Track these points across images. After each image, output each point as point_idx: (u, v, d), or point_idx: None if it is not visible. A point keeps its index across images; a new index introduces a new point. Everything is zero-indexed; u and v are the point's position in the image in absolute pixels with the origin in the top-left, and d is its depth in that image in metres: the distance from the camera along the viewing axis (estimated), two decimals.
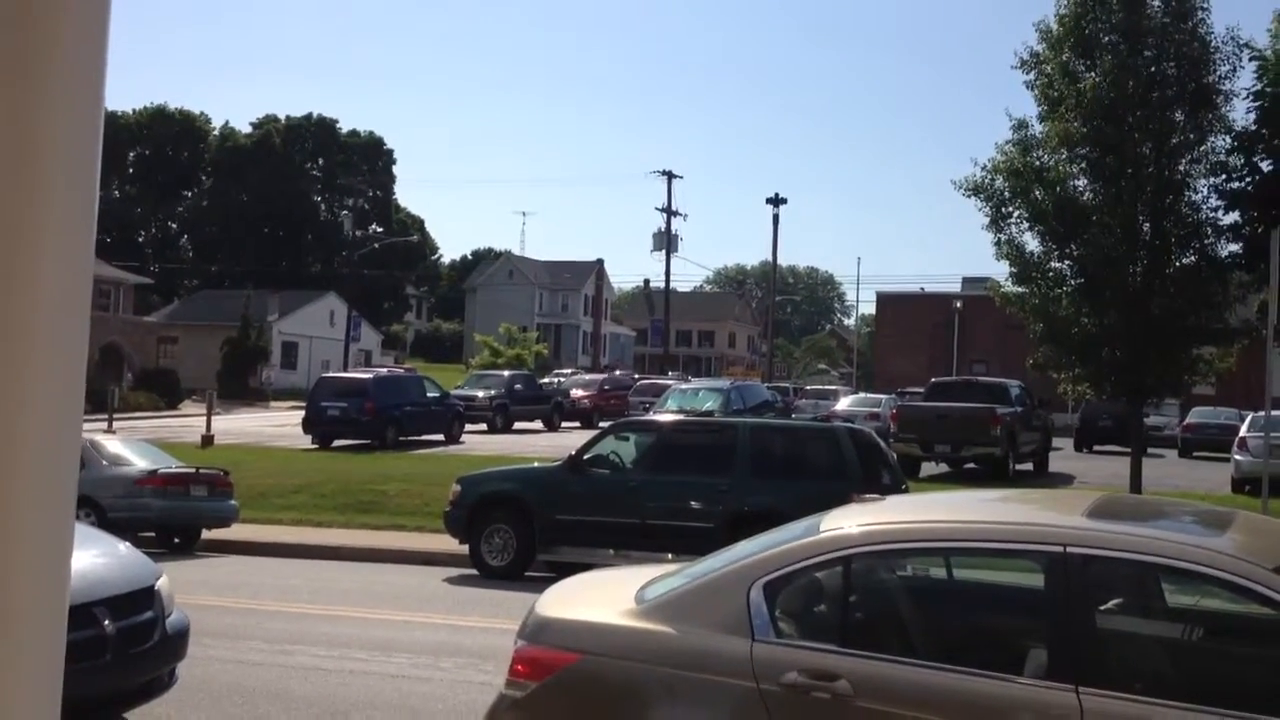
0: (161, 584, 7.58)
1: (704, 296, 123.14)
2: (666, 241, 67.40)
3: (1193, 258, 20.10)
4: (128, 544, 8.27)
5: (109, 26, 1.18)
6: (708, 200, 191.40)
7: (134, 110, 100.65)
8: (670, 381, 44.95)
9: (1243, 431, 25.20)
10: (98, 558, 7.51)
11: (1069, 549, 4.58)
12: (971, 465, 26.41)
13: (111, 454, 17.92)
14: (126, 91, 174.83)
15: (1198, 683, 4.65)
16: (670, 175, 67.62)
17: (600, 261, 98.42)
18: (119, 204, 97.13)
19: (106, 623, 6.89)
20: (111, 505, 16.68)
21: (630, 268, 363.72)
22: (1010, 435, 25.98)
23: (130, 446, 19.15)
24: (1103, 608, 4.79)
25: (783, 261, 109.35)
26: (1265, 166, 19.57)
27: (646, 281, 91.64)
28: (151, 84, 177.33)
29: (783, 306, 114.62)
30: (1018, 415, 26.90)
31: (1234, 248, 20.04)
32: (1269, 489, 17.56)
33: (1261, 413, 20.11)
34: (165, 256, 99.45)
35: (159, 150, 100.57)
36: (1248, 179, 19.59)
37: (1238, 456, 24.37)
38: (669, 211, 67.28)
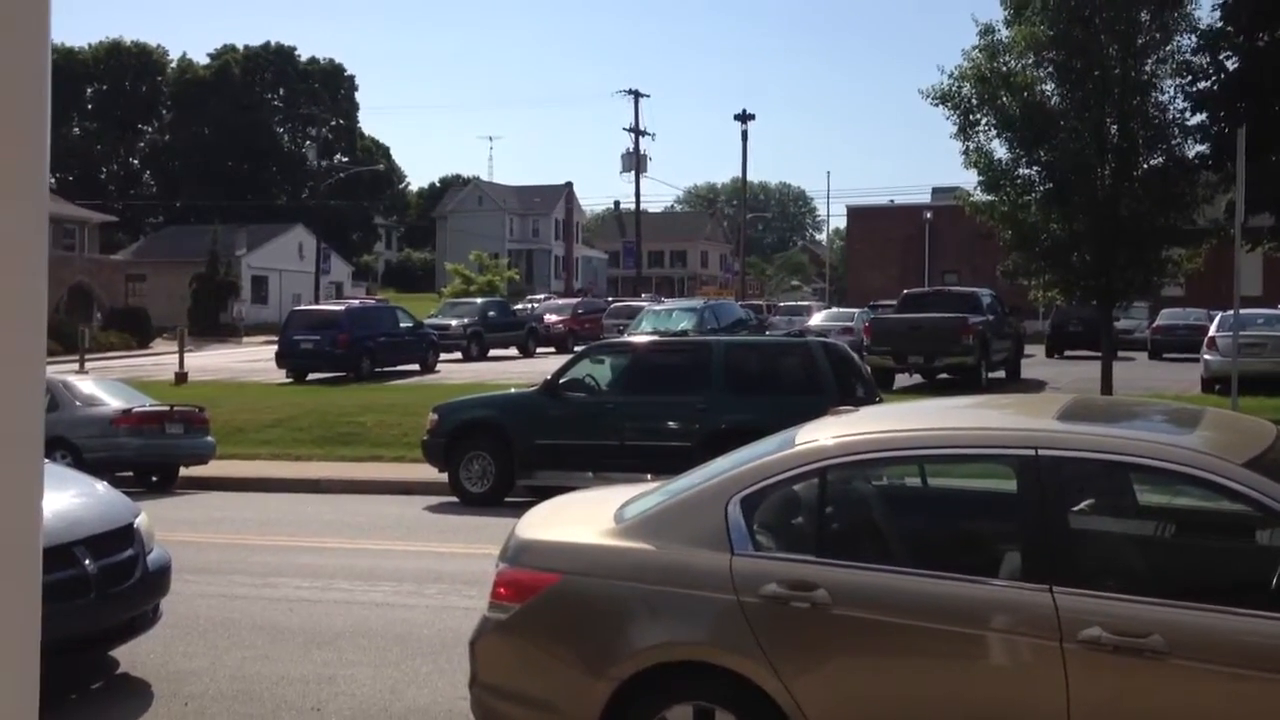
0: (140, 521, 7.58)
1: (675, 216, 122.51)
2: (635, 162, 66.91)
3: (1160, 159, 20.12)
4: (105, 483, 8.25)
5: None
6: (676, 119, 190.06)
7: (90, 45, 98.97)
8: (644, 303, 44.88)
9: (1212, 331, 25.39)
10: (75, 498, 7.50)
11: (1041, 452, 4.62)
12: (945, 375, 26.56)
13: (85, 394, 17.81)
14: (81, 27, 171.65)
15: (1170, 579, 4.73)
16: (637, 95, 66.96)
17: (569, 184, 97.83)
18: (79, 141, 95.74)
19: (87, 562, 6.89)
20: (87, 445, 16.61)
21: (600, 190, 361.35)
22: (982, 344, 26.10)
23: (103, 386, 19.01)
24: (1075, 508, 4.85)
25: (753, 178, 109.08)
26: (1230, 65, 19.54)
27: (617, 203, 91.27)
28: (106, 18, 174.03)
29: (754, 224, 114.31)
30: (989, 323, 27.00)
31: (1201, 148, 20.07)
32: (1238, 387, 17.78)
33: (1230, 312, 20.27)
34: (129, 193, 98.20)
35: (117, 85, 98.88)
36: (1213, 79, 19.56)
37: (1207, 356, 24.57)
38: (637, 131, 66.74)
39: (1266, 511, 4.38)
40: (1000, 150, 20.28)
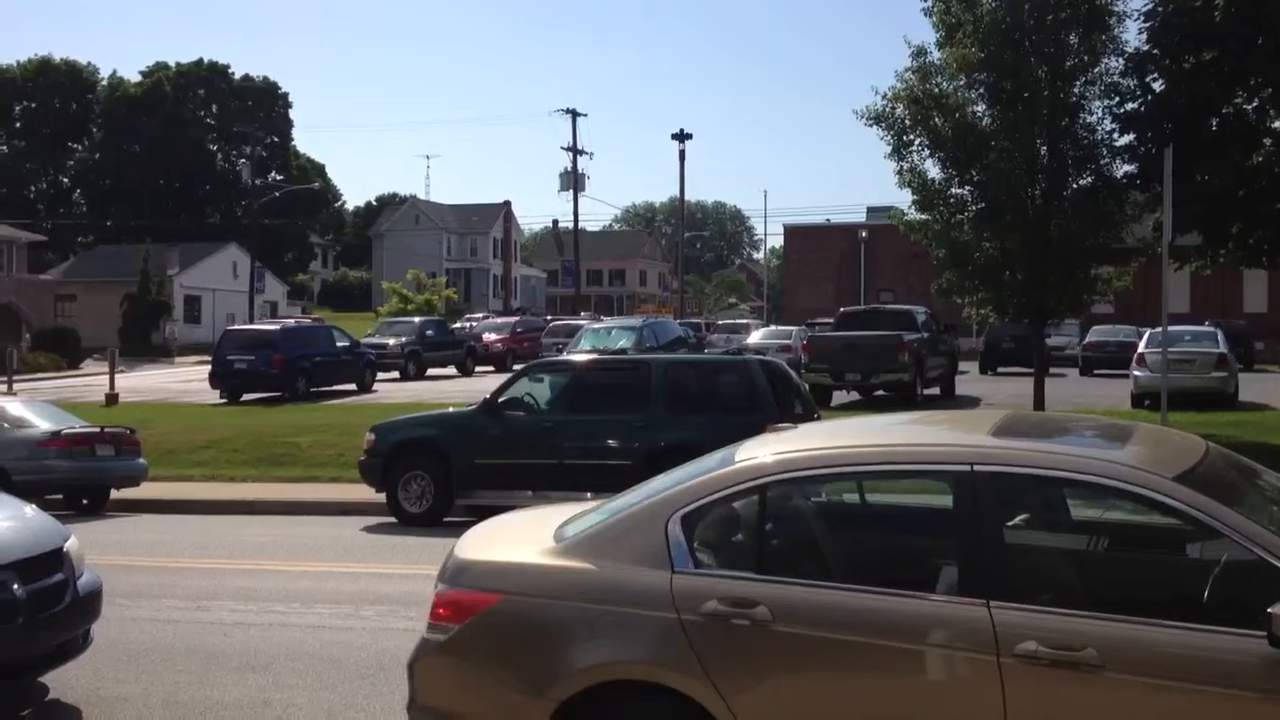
0: (70, 545, 7.46)
1: (614, 235, 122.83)
2: (574, 181, 66.89)
3: (1089, 179, 20.42)
4: (34, 507, 8.10)
5: None
6: (614, 138, 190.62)
7: (19, 63, 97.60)
8: (583, 321, 44.88)
9: (1141, 348, 25.87)
10: (3, 522, 7.37)
11: (976, 467, 4.67)
12: (881, 392, 26.81)
13: (13, 416, 17.49)
14: (10, 44, 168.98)
15: (1104, 592, 4.78)
16: (575, 114, 67.08)
17: (508, 203, 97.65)
18: (8, 159, 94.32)
19: (16, 587, 6.76)
20: (15, 468, 16.33)
21: (538, 209, 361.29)
22: (918, 361, 26.40)
23: (32, 408, 18.69)
24: (1010, 523, 4.90)
25: (691, 197, 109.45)
26: (1157, 87, 19.91)
27: (555, 222, 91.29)
28: (36, 36, 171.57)
29: (692, 243, 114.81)
30: (924, 341, 27.32)
31: (1129, 168, 20.39)
32: (1167, 402, 18.09)
33: (1159, 329, 20.63)
34: (58, 212, 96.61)
35: (46, 103, 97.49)
36: (1141, 100, 19.93)
37: (1136, 372, 25.03)
38: (575, 150, 66.78)
39: (1197, 525, 4.45)
40: (933, 170, 20.52)
